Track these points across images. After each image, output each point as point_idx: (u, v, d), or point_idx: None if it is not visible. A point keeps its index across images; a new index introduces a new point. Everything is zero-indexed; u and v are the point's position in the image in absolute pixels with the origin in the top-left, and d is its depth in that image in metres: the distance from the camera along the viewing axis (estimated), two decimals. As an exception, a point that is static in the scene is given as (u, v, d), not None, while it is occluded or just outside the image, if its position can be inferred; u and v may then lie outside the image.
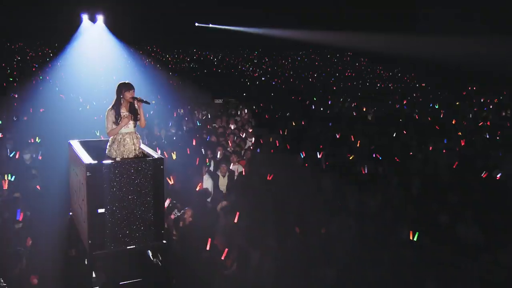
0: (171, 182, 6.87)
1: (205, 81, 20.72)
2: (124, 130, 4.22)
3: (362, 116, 14.05)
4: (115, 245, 3.82)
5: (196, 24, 28.52)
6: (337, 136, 10.69)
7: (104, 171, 3.79)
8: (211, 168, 8.16)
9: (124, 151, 4.19)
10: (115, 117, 4.21)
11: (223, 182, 7.70)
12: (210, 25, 28.52)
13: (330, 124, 12.11)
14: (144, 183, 3.90)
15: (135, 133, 4.31)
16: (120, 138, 4.22)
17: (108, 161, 3.91)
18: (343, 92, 19.40)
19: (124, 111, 4.26)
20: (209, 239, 5.18)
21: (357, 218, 6.18)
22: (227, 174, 7.78)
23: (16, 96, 14.48)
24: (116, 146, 4.21)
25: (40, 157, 8.32)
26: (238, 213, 5.90)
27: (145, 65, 22.23)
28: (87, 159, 3.90)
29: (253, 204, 6.48)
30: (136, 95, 4.27)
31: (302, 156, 8.75)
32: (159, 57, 26.69)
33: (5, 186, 6.43)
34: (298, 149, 9.12)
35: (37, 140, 9.42)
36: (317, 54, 31.38)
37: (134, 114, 4.27)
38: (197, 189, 7.04)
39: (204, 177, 7.39)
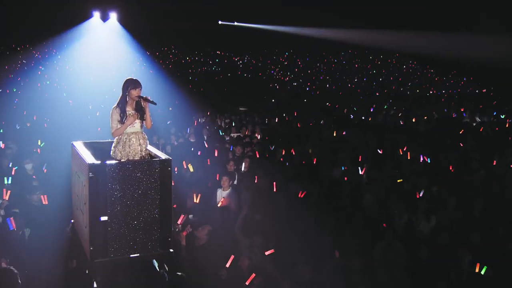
0: (196, 200, 7.00)
1: (229, 86, 20.88)
2: (129, 129, 4.36)
3: (411, 126, 13.79)
4: (117, 253, 3.90)
5: (220, 22, 28.89)
6: (382, 149, 10.47)
7: (108, 172, 3.88)
8: (235, 182, 8.21)
9: (129, 152, 4.31)
10: (120, 116, 4.35)
11: (248, 198, 7.67)
12: (235, 23, 28.82)
13: (373, 134, 11.96)
14: (150, 185, 4.01)
15: (142, 133, 4.45)
16: (126, 139, 4.35)
17: (112, 162, 4.00)
18: (388, 98, 19.11)
19: (130, 110, 4.40)
20: (232, 256, 5.21)
21: (407, 243, 5.97)
22: (253, 189, 7.78)
23: (17, 101, 15.01)
24: (121, 147, 4.33)
25: (45, 170, 8.51)
26: (264, 234, 5.78)
27: (161, 68, 22.65)
28: (89, 159, 4.01)
29: (282, 224, 6.41)
30: (152, 101, 4.43)
31: (341, 170, 8.67)
32: (177, 59, 27.17)
33: (5, 196, 6.58)
34: (336, 162, 9.06)
35: (39, 143, 9.71)
36: (357, 56, 31.17)
37: (140, 112, 4.41)
38: (219, 204, 7.11)
39: (227, 191, 7.47)
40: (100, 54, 20.73)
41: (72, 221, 4.79)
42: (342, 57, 31.76)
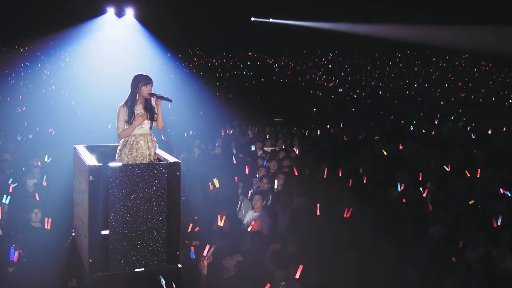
0: (221, 222, 7.14)
1: (262, 93, 20.99)
2: (137, 131, 4.60)
3: (484, 141, 13.40)
4: (120, 266, 4.06)
5: (252, 19, 29.21)
6: (449, 166, 10.25)
7: (110, 176, 4.06)
8: (269, 202, 8.33)
9: (136, 156, 4.51)
10: (128, 116, 4.58)
11: (283, 221, 7.71)
12: (271, 20, 29.06)
13: (438, 150, 11.72)
14: (157, 192, 4.20)
15: (151, 135, 4.68)
16: (133, 141, 4.57)
17: (115, 164, 4.20)
18: (456, 108, 18.71)
19: (138, 109, 4.64)
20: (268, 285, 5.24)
21: (485, 282, 5.78)
22: (290, 211, 7.84)
23: (21, 110, 15.54)
24: (127, 150, 4.54)
25: (45, 183, 8.71)
26: (301, 266, 5.68)
27: (184, 72, 23.04)
28: (90, 160, 4.21)
29: (325, 254, 6.40)
30: (167, 98, 4.66)
31: (399, 190, 8.58)
32: (203, 62, 27.57)
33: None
34: (392, 181, 9.00)
35: (46, 160, 10.06)
36: (417, 57, 30.74)
37: (150, 112, 4.64)
38: (249, 228, 7.20)
39: (259, 213, 7.54)
40: (113, 56, 21.35)
41: (73, 233, 4.96)
42: (399, 58, 31.43)
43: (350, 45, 29.77)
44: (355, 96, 22.29)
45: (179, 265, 4.26)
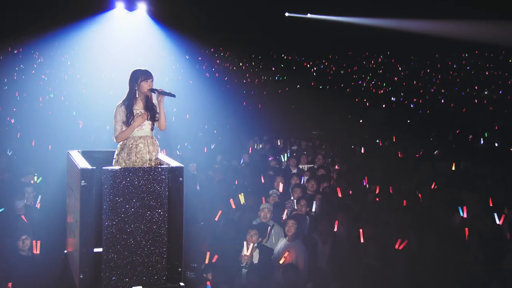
0: (247, 252, 7.22)
1: (298, 102, 20.99)
2: (137, 133, 4.84)
3: None
4: (114, 284, 4.18)
5: (287, 14, 29.35)
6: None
7: (104, 181, 4.24)
8: (305, 230, 8.37)
9: (135, 160, 4.76)
10: (126, 116, 4.82)
11: (323, 252, 7.74)
12: (309, 15, 29.14)
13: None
14: (157, 200, 4.39)
15: (152, 137, 4.93)
16: (131, 144, 4.81)
17: (110, 167, 4.38)
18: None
19: (138, 108, 4.89)
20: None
21: None
22: (330, 239, 7.86)
23: (13, 121, 15.86)
24: (125, 154, 4.80)
25: (38, 205, 8.83)
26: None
27: (206, 77, 23.24)
28: (83, 164, 4.40)
29: None
30: (170, 93, 4.88)
31: (462, 216, 8.52)
32: (228, 65, 27.73)
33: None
34: (456, 205, 8.82)
35: (35, 179, 10.21)
36: (488, 58, 30.25)
37: (151, 112, 4.89)
38: (281, 261, 7.18)
39: (294, 242, 7.56)
40: (122, 58, 21.67)
41: (65, 251, 5.13)
42: (465, 60, 31.00)
43: (405, 45, 29.57)
44: (411, 106, 22.01)
45: (182, 284, 4.39)
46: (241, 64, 28.66)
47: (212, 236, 8.06)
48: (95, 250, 4.15)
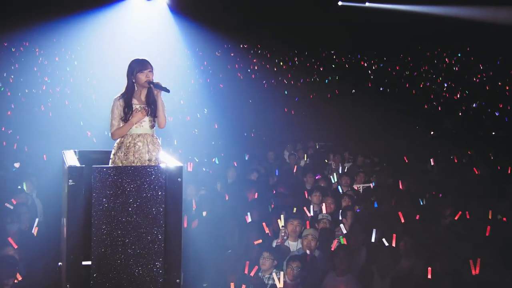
0: (279, 284, 7.25)
1: (351, 108, 20.91)
2: (135, 130, 5.22)
3: None
4: None
5: (340, 3, 29.30)
6: None
7: (94, 181, 4.51)
8: (360, 262, 8.50)
9: (133, 161, 5.09)
10: (124, 111, 5.21)
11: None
12: (367, 4, 29.05)
13: None
14: (153, 203, 4.67)
15: (152, 136, 5.31)
16: (129, 142, 5.17)
17: (100, 166, 4.67)
18: None
19: (137, 103, 5.29)
20: None
21: None
22: (391, 274, 7.86)
23: (10, 132, 16.11)
24: (122, 153, 5.13)
25: (35, 229, 8.97)
26: None
27: (239, 79, 23.29)
28: (72, 161, 4.73)
29: None
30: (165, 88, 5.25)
31: None
32: (265, 63, 27.75)
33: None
34: None
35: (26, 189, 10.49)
36: None
37: (152, 107, 5.29)
38: None
39: (346, 277, 7.60)
40: (138, 56, 21.80)
41: (59, 264, 5.30)
42: None
43: (487, 39, 29.12)
44: (496, 114, 21.65)
45: None
46: (282, 63, 28.64)
47: (241, 267, 8.04)
48: (84, 263, 4.39)
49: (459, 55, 31.62)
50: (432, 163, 14.58)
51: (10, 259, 7.80)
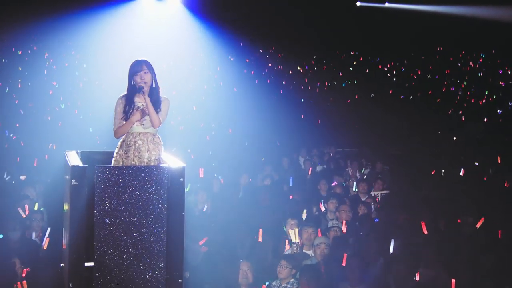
0: None
1: (370, 114, 21.03)
2: (136, 128, 5.44)
3: None
4: None
5: (358, 3, 29.26)
6: None
7: (96, 181, 4.67)
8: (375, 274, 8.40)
9: (133, 159, 5.30)
10: (125, 109, 5.46)
11: None
12: (387, 5, 28.97)
13: None
14: (155, 203, 4.83)
15: (153, 135, 5.51)
16: (130, 141, 5.40)
17: (103, 166, 4.85)
18: None
19: (139, 101, 5.50)
20: None
21: None
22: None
23: (14, 137, 16.19)
24: (123, 151, 5.37)
25: (45, 242, 8.90)
26: None
27: (253, 84, 23.29)
28: (74, 161, 4.90)
29: None
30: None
31: None
32: (282, 68, 27.75)
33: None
34: None
35: (35, 207, 10.46)
36: None
37: (154, 106, 5.46)
38: None
39: None
40: (151, 60, 21.83)
41: (62, 265, 5.54)
42: None
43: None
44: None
45: None
46: (299, 67, 28.62)
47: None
48: (86, 264, 4.57)
49: (482, 55, 31.47)
50: (462, 173, 14.42)
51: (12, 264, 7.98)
